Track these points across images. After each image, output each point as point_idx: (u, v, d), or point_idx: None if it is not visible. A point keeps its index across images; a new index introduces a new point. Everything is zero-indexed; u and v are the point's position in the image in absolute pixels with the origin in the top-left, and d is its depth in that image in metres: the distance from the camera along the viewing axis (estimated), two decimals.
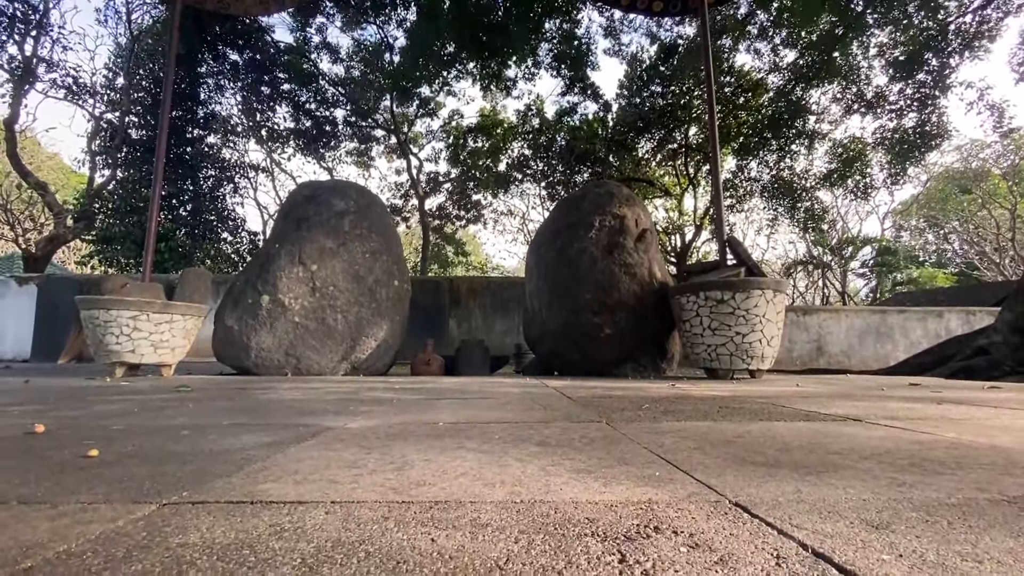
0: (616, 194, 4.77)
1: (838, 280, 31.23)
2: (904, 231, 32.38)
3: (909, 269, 29.58)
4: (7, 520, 0.60)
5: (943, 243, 33.46)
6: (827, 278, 30.83)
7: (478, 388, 2.70)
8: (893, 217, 31.08)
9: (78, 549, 0.51)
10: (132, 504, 0.66)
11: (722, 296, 3.69)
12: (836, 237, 29.75)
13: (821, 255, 29.06)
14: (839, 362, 15.15)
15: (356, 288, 4.54)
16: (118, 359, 3.78)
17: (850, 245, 29.68)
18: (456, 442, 1.13)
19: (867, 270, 30.31)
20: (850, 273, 31.40)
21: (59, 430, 1.28)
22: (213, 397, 2.16)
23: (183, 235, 19.34)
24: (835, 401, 2.07)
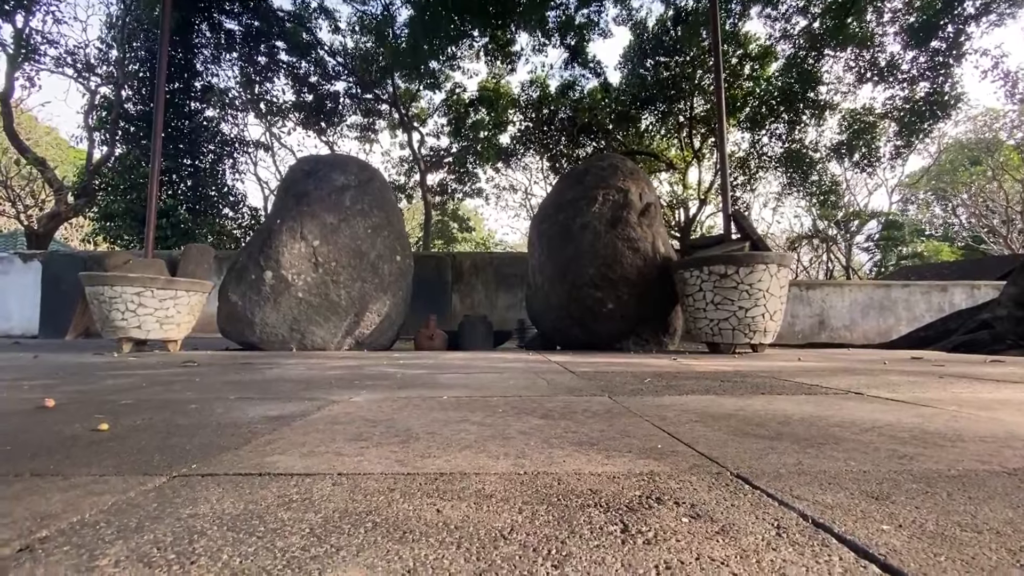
0: (620, 167, 4.71)
1: (843, 254, 31.08)
2: (911, 204, 31.96)
3: (915, 243, 29.39)
4: (21, 492, 0.61)
5: (950, 216, 33.09)
6: (832, 252, 30.68)
7: (481, 363, 2.72)
8: (901, 190, 30.65)
9: (91, 519, 0.52)
10: (143, 476, 0.68)
11: (725, 270, 3.68)
12: (843, 211, 29.47)
13: (827, 229, 28.84)
14: (841, 336, 15.19)
15: (358, 264, 4.54)
16: (124, 335, 3.81)
17: (856, 219, 29.43)
18: (460, 415, 1.14)
19: (872, 244, 30.12)
20: (855, 247, 31.18)
21: (69, 404, 1.30)
22: (220, 372, 2.19)
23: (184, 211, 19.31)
24: (837, 375, 2.08)
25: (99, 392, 1.54)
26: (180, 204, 19.13)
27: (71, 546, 0.46)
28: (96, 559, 0.43)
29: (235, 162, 21.29)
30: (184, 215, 18.60)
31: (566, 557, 0.44)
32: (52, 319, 13.18)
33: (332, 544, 0.46)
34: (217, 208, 20.53)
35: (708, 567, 0.42)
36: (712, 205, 30.11)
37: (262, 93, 18.92)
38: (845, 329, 15.25)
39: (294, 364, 2.58)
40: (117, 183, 17.73)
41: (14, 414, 1.17)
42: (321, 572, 0.41)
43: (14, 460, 0.76)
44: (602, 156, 5.04)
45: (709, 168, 28.80)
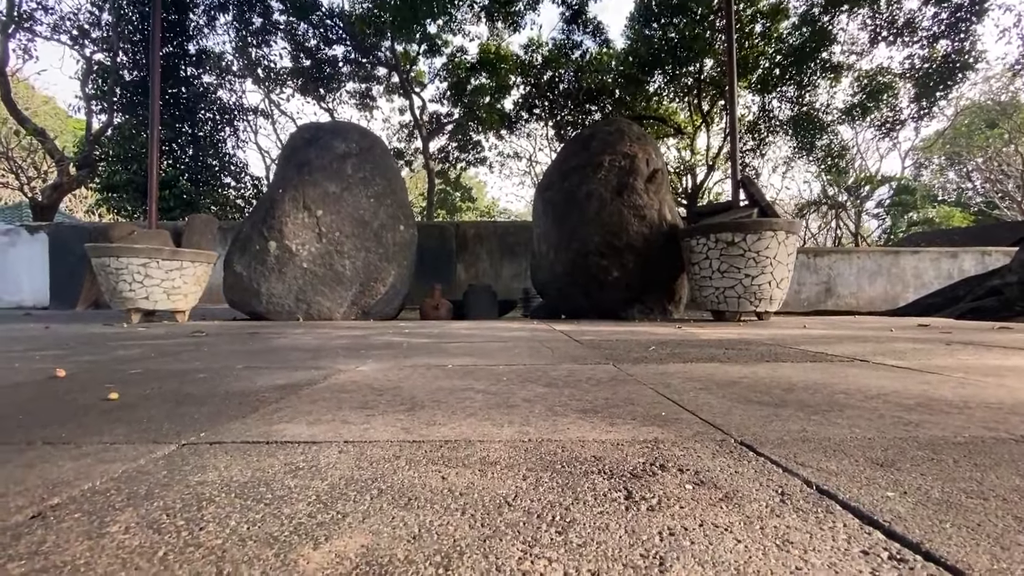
0: (626, 132, 4.60)
1: (852, 221, 30.67)
2: (925, 169, 31.25)
3: (926, 209, 28.88)
4: (34, 460, 0.62)
5: (964, 181, 32.40)
6: (840, 219, 30.28)
7: (486, 332, 2.73)
8: (914, 154, 29.96)
9: (102, 487, 0.53)
10: (152, 444, 0.69)
11: (733, 238, 3.64)
12: (853, 176, 28.94)
13: (837, 195, 28.39)
14: (848, 303, 15.14)
15: (362, 233, 4.52)
16: (133, 306, 3.84)
17: (867, 184, 28.92)
18: (465, 383, 1.15)
19: (882, 210, 29.64)
20: (864, 213, 30.73)
21: (80, 374, 1.32)
22: (228, 342, 2.21)
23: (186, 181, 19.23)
24: (842, 342, 2.07)
25: (109, 362, 1.56)
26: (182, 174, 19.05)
27: (82, 513, 0.46)
28: (107, 526, 0.44)
29: (235, 130, 21.07)
30: (186, 185, 18.55)
31: (570, 523, 0.44)
32: (62, 290, 13.35)
33: (338, 511, 0.47)
34: (219, 178, 20.46)
35: (711, 534, 0.42)
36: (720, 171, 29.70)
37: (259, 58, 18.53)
38: (852, 296, 15.20)
39: (301, 334, 2.59)
40: (118, 153, 17.63)
41: (26, 384, 1.19)
42: (328, 538, 0.41)
43: (26, 428, 0.78)
44: (609, 120, 4.93)
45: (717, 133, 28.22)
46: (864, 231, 32.04)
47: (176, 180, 18.32)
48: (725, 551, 0.39)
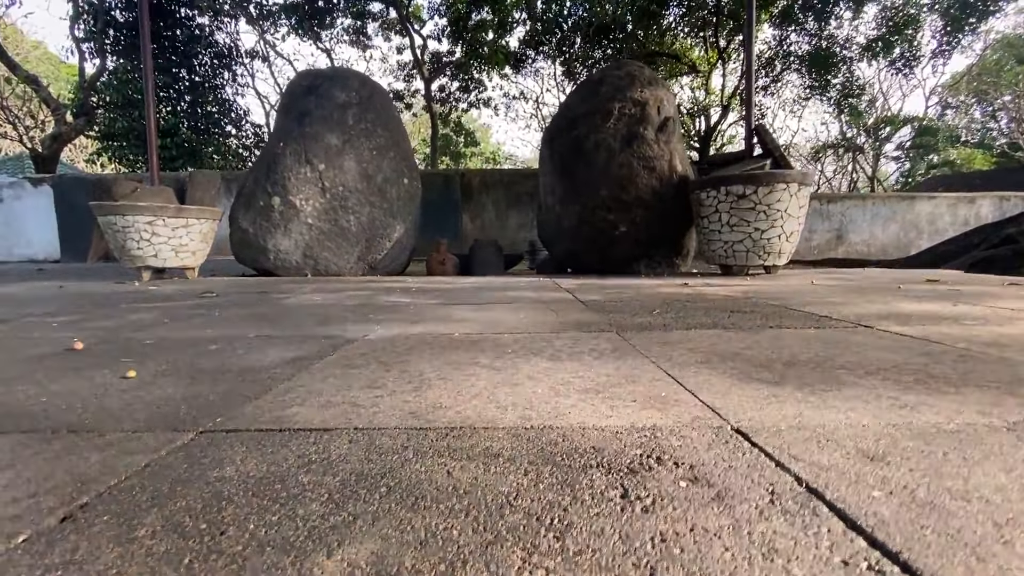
0: (637, 76, 4.42)
1: (869, 164, 29.76)
2: (950, 108, 29.86)
3: (947, 150, 27.86)
4: (60, 452, 0.66)
5: (989, 121, 31.04)
6: (857, 162, 29.40)
7: (492, 292, 2.75)
8: (940, 93, 28.55)
9: (127, 484, 0.57)
10: (172, 432, 0.72)
11: (744, 191, 3.56)
12: (874, 116, 27.79)
13: (855, 136, 27.40)
14: (859, 251, 15.00)
15: (366, 188, 4.47)
16: (142, 263, 3.89)
17: (888, 125, 27.83)
18: (470, 356, 1.17)
19: (902, 152, 28.68)
20: (883, 156, 29.78)
21: (96, 345, 1.36)
22: (237, 303, 2.24)
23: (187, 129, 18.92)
24: (849, 302, 2.07)
25: (123, 329, 1.60)
26: (182, 122, 18.72)
27: (110, 515, 0.50)
28: (135, 529, 0.47)
29: (233, 75, 20.47)
30: (187, 134, 18.26)
31: (567, 527, 0.47)
32: (71, 243, 13.48)
33: (349, 512, 0.50)
34: (220, 126, 20.09)
35: (701, 540, 0.44)
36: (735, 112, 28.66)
37: None
38: (863, 244, 15.02)
39: (309, 293, 2.62)
40: (115, 99, 17.23)
41: (47, 357, 1.23)
42: (340, 544, 0.44)
43: (51, 414, 0.81)
44: (619, 63, 4.71)
45: (733, 72, 26.92)
46: (881, 175, 31.21)
47: (176, 128, 18.02)
48: (712, 560, 0.42)
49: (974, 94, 29.43)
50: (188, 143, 17.82)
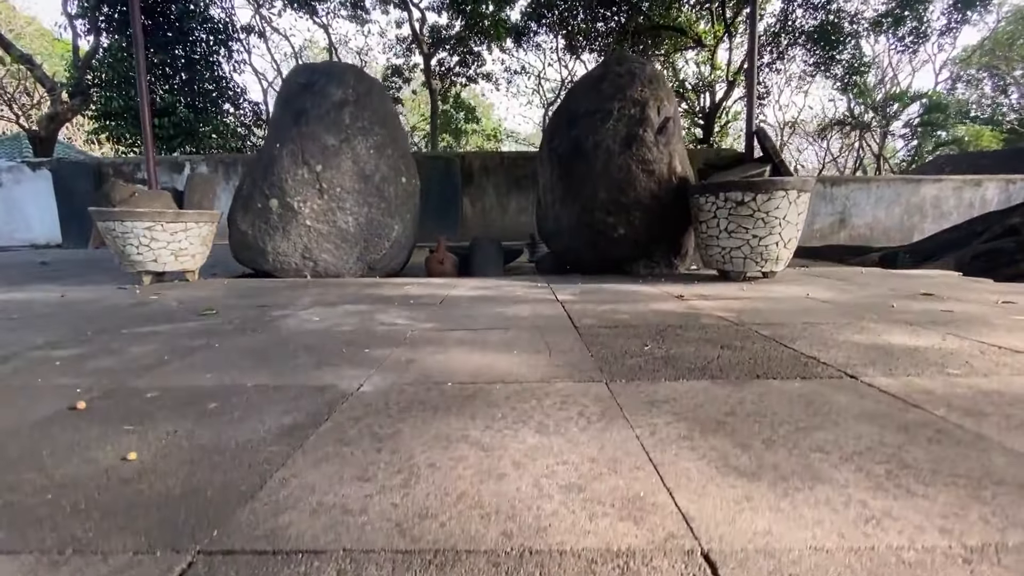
0: (639, 75, 4.34)
1: (876, 141, 29.33)
2: (960, 82, 29.14)
3: (955, 127, 27.34)
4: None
5: (999, 95, 30.38)
6: (864, 140, 28.96)
7: (488, 307, 2.76)
8: (951, 67, 27.82)
9: None
10: (172, 553, 0.76)
11: (743, 197, 3.55)
12: (882, 92, 27.24)
13: (862, 113, 26.90)
14: (861, 234, 14.92)
15: (363, 188, 4.46)
16: (143, 268, 3.92)
17: (896, 101, 27.30)
18: (461, 425, 1.21)
19: (910, 130, 28.19)
20: (890, 134, 29.33)
21: (99, 400, 1.40)
22: (236, 327, 2.27)
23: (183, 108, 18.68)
24: (839, 331, 2.09)
25: (126, 373, 1.64)
26: (179, 100, 18.47)
27: None
28: None
29: (229, 52, 20.12)
30: (184, 112, 18.04)
31: None
32: (72, 227, 13.49)
33: None
34: (217, 104, 19.82)
35: None
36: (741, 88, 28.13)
37: None
38: (866, 227, 14.93)
39: (307, 310, 2.63)
40: (110, 77, 17.00)
41: (51, 422, 1.27)
42: None
43: (57, 521, 0.85)
44: (621, 58, 4.63)
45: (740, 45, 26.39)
46: (888, 151, 30.78)
47: (173, 107, 17.80)
48: None
49: (985, 68, 28.75)
50: (185, 122, 17.62)
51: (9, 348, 2.02)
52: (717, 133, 28.63)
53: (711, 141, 28.45)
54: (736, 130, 33.11)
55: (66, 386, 1.54)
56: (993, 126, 27.62)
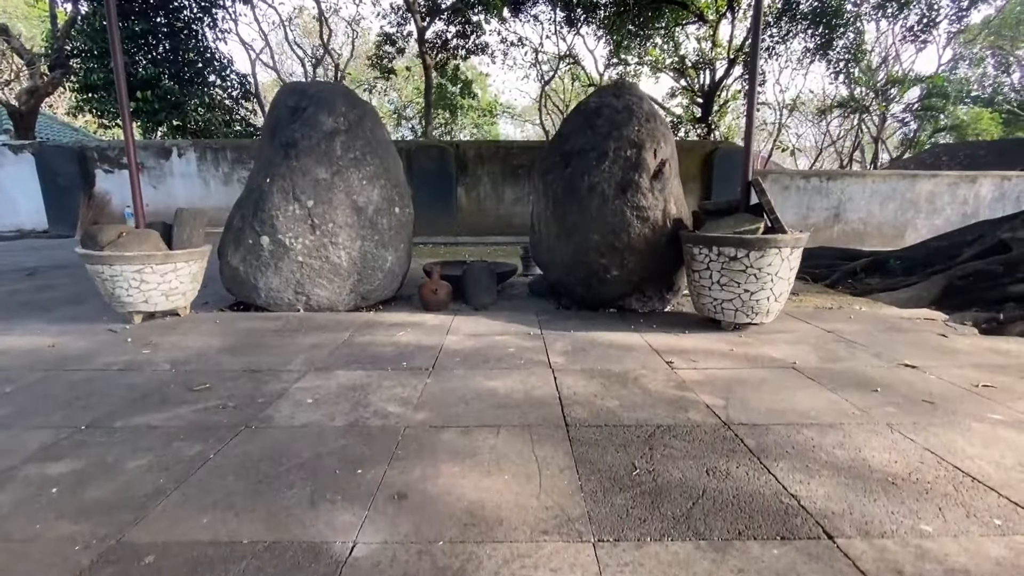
0: (636, 112, 4.28)
1: (875, 124, 29.09)
2: (963, 61, 28.70)
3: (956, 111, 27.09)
4: None
5: (1002, 75, 30.04)
6: (864, 123, 28.70)
7: (481, 387, 2.75)
8: (955, 47, 27.35)
9: None
10: None
11: (736, 253, 3.56)
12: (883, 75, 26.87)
13: (864, 96, 26.58)
14: (855, 229, 14.99)
15: (356, 221, 4.42)
16: (133, 309, 3.91)
17: (898, 84, 26.96)
18: None
19: (909, 115, 27.95)
20: (890, 116, 29.08)
21: (98, 567, 1.43)
22: (230, 419, 2.28)
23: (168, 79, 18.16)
24: (824, 436, 2.13)
25: (124, 512, 1.66)
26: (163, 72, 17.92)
27: None
28: None
29: (214, 20, 19.45)
30: (170, 85, 17.55)
31: None
32: (58, 212, 13.26)
33: None
34: (203, 75, 19.26)
35: None
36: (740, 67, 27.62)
37: None
38: (860, 222, 15.00)
39: (300, 376, 2.59)
40: (90, 48, 16.44)
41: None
42: None
43: None
44: (619, 87, 4.53)
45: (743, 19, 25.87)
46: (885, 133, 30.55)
47: (157, 79, 17.30)
48: None
49: (989, 47, 28.31)
50: (170, 95, 17.10)
51: (4, 457, 2.03)
52: (716, 112, 28.25)
53: (709, 121, 28.08)
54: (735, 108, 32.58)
55: (66, 539, 1.56)
56: (993, 108, 27.38)
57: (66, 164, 12.81)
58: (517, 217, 13.76)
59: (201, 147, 13.37)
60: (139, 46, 16.91)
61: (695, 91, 28.01)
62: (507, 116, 32.53)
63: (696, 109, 28.60)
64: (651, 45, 26.87)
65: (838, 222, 14.40)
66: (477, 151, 13.31)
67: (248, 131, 21.79)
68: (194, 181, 13.46)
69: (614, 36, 23.45)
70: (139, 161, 13.60)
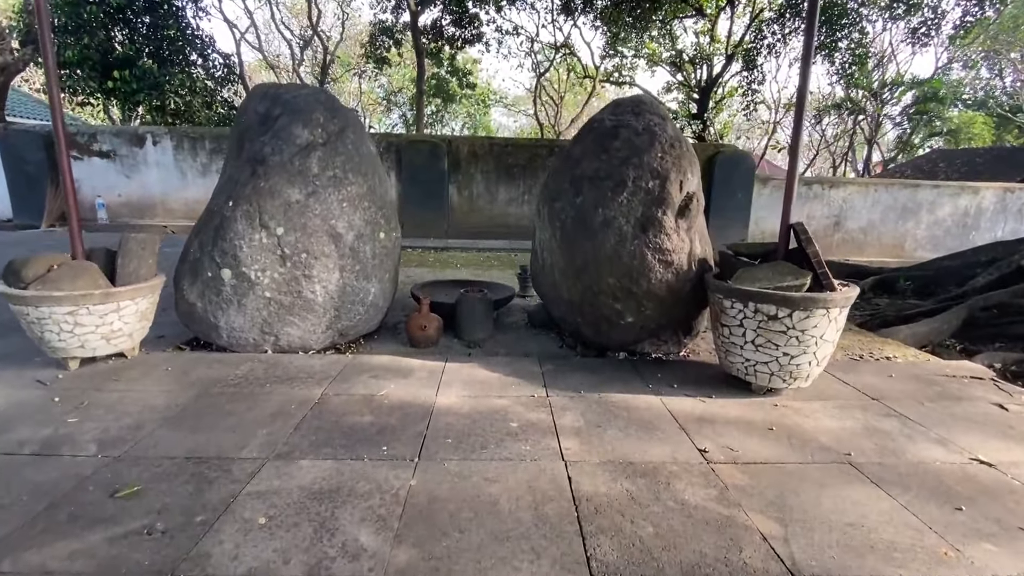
0: (659, 136, 3.74)
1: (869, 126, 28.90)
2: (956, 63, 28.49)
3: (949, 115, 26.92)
4: None
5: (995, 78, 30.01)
6: (859, 124, 28.52)
7: (478, 494, 2.21)
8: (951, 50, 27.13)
9: None
10: None
11: (776, 312, 3.07)
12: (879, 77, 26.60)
13: (861, 100, 26.30)
14: (855, 238, 14.68)
15: (334, 251, 3.84)
16: (67, 355, 3.30)
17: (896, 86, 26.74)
18: None
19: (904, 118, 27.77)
20: (885, 118, 28.90)
21: None
22: (159, 551, 1.73)
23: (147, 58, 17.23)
24: None
25: None
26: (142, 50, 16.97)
27: None
28: None
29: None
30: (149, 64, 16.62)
31: None
32: (24, 200, 12.45)
33: None
34: (184, 54, 18.30)
35: None
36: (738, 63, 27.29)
37: None
38: (861, 232, 14.69)
39: (256, 471, 2.01)
40: (63, 23, 15.43)
41: None
42: None
43: None
44: (638, 104, 3.97)
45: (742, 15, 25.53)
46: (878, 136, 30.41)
47: (136, 57, 16.37)
48: None
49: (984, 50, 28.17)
50: (150, 74, 16.14)
51: None
52: (712, 109, 27.77)
53: (705, 117, 27.62)
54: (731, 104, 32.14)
55: None
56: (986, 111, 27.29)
57: (33, 150, 11.93)
58: (511, 218, 13.18)
59: (178, 135, 12.54)
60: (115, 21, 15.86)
61: (691, 86, 27.45)
62: (500, 105, 31.69)
63: (692, 105, 28.08)
64: (648, 38, 26.26)
65: (838, 231, 14.07)
66: (471, 148, 12.67)
67: (231, 114, 20.83)
68: (170, 171, 12.64)
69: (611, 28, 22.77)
70: (111, 148, 12.69)
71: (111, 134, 12.39)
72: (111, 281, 3.44)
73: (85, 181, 12.60)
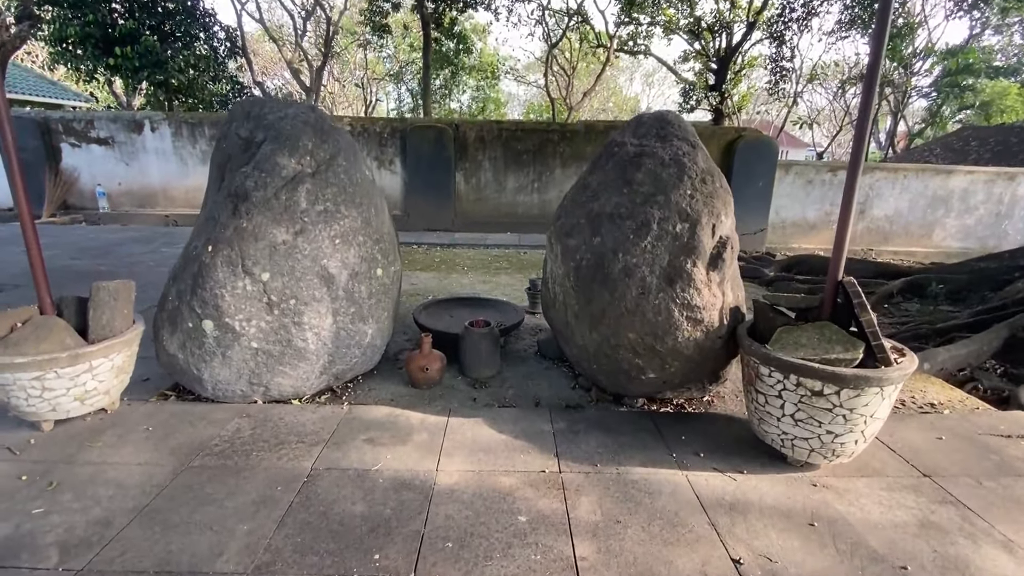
0: (688, 169, 3.30)
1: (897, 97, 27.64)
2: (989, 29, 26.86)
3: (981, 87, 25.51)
4: None
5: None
6: (886, 97, 27.26)
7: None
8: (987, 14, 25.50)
9: None
10: None
11: (823, 388, 2.70)
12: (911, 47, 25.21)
13: (889, 70, 25.01)
14: (880, 227, 14.08)
15: (326, 295, 3.50)
16: (37, 419, 3.03)
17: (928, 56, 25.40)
18: None
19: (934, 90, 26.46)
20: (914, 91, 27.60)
21: None
22: None
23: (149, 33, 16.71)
24: None
25: None
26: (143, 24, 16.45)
27: None
28: None
29: None
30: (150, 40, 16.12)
31: None
32: None
33: None
34: (186, 26, 17.74)
35: None
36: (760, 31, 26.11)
37: None
38: (886, 220, 14.09)
39: (231, 560, 1.75)
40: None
41: None
42: None
43: None
44: (663, 123, 3.52)
45: None
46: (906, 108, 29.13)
47: (137, 33, 15.89)
48: None
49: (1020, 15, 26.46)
50: (152, 51, 15.64)
51: None
52: (731, 80, 26.60)
53: (723, 89, 26.49)
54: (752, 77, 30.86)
55: None
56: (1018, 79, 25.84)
57: (28, 137, 11.59)
58: (520, 207, 12.70)
59: (176, 121, 12.09)
60: None
61: (710, 56, 26.17)
62: (510, 76, 30.54)
63: (710, 76, 26.86)
64: (665, 3, 24.99)
65: (863, 219, 13.44)
66: (478, 132, 12.11)
67: (236, 90, 20.23)
68: (169, 158, 12.27)
69: None
70: (109, 135, 12.26)
71: (108, 120, 11.97)
72: (83, 334, 3.14)
73: (84, 169, 12.28)
